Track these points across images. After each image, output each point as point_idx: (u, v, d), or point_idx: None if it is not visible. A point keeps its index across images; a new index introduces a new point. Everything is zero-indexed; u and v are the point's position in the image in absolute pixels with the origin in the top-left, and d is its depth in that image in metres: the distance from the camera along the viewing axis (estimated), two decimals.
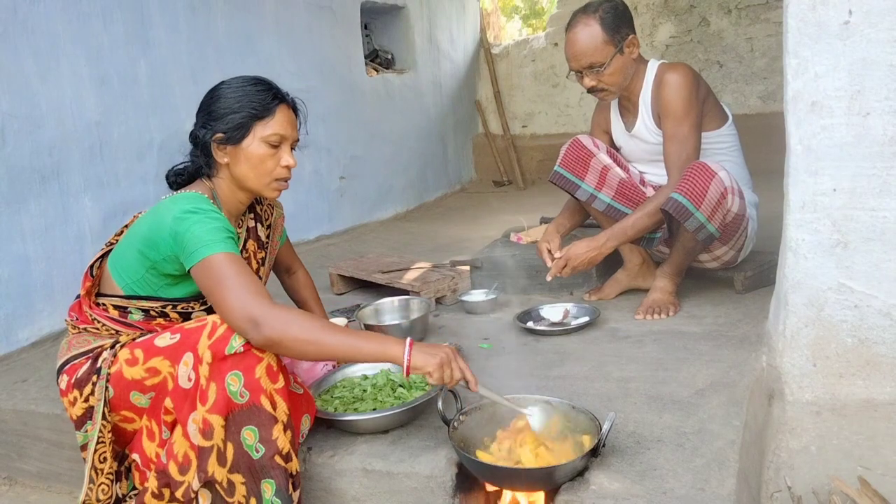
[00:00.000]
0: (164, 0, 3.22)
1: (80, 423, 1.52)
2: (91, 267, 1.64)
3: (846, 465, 1.54)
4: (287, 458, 1.38)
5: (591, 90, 2.25)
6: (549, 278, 2.27)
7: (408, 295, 2.54)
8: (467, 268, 2.83)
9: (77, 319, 1.63)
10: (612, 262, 2.61)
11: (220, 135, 1.56)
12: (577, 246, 2.21)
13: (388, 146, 5.08)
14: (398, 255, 3.36)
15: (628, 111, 2.39)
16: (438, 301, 2.65)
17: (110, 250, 1.65)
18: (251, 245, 1.75)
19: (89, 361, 1.53)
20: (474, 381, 1.43)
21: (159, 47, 3.20)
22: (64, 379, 1.55)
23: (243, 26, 3.74)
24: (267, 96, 1.58)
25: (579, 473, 1.37)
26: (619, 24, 2.17)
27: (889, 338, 1.56)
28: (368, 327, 2.23)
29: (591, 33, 2.16)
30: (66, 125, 2.72)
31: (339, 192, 4.55)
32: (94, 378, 1.50)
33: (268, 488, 1.35)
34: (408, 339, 1.41)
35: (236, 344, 1.36)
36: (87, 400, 1.50)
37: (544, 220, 3.15)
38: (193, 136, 1.62)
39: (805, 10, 1.50)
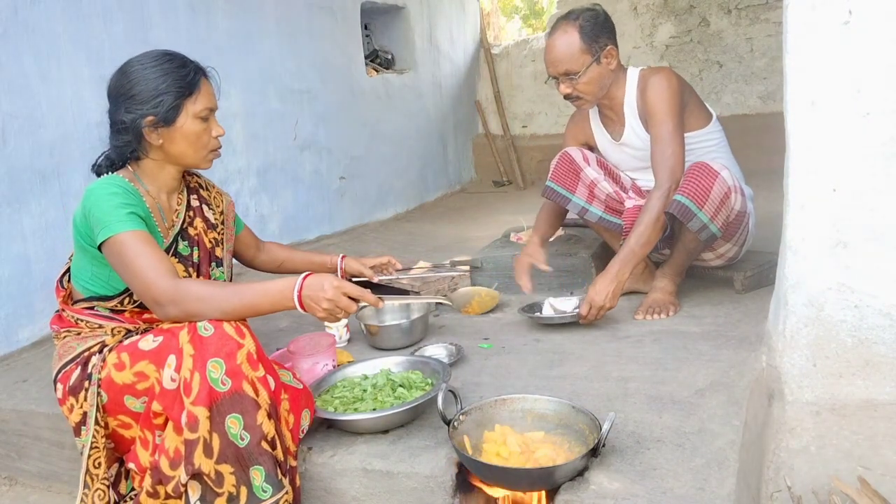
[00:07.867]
0: (164, 0, 3.22)
1: (78, 429, 1.53)
2: (60, 280, 1.70)
3: (846, 465, 1.54)
4: (273, 445, 1.37)
5: (566, 97, 2.26)
6: (582, 320, 2.15)
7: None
8: (467, 268, 2.83)
9: (59, 329, 1.66)
10: None
11: (150, 118, 1.57)
12: (596, 289, 2.11)
13: (388, 146, 5.08)
14: (398, 255, 3.35)
15: (612, 121, 2.38)
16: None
17: None
18: (199, 224, 1.77)
19: (79, 367, 1.54)
20: (374, 300, 1.50)
21: (159, 47, 3.18)
22: (59, 388, 1.56)
23: (243, 26, 3.74)
24: (189, 72, 1.61)
25: (579, 473, 1.37)
26: (598, 34, 2.17)
27: (889, 338, 1.56)
28: (368, 327, 2.23)
29: (568, 41, 2.16)
30: (67, 125, 2.72)
31: (340, 192, 4.55)
32: (87, 384, 1.51)
33: (257, 475, 1.34)
34: (297, 286, 1.45)
35: (204, 323, 1.40)
36: (82, 406, 1.51)
37: None
38: (119, 122, 1.60)
39: (805, 10, 1.50)
